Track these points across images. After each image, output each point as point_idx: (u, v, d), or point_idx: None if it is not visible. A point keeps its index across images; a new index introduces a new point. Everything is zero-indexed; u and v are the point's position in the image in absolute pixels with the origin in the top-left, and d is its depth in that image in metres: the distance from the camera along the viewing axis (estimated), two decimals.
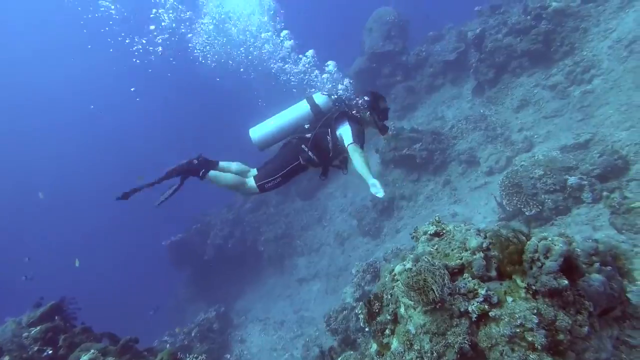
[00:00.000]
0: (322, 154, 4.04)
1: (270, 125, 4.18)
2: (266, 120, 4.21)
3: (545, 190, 6.82)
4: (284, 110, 4.25)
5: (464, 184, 9.84)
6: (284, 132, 4.16)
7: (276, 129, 4.17)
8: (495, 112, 10.33)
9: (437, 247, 3.23)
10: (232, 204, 17.57)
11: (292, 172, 4.13)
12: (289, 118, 4.17)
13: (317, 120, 4.08)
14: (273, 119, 4.19)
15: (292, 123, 4.15)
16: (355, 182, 13.63)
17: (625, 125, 7.55)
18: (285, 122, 4.17)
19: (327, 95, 4.17)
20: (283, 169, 4.10)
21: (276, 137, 4.19)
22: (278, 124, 4.17)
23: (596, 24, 9.56)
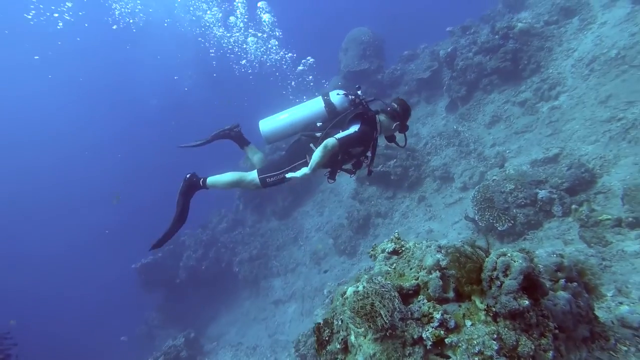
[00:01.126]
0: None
1: (282, 119, 3.96)
2: (278, 113, 4.01)
3: (517, 205, 6.76)
4: (297, 105, 4.04)
5: (439, 200, 9.75)
6: (295, 128, 3.95)
7: (287, 123, 3.95)
8: (468, 128, 10.37)
9: (395, 266, 3.02)
10: (207, 224, 17.11)
11: (297, 170, 3.86)
12: (301, 114, 3.95)
13: (330, 120, 3.83)
14: (285, 112, 3.98)
15: (304, 120, 3.92)
16: (332, 199, 13.44)
17: (590, 140, 7.62)
18: (297, 118, 3.93)
19: (345, 94, 3.90)
20: (289, 164, 3.85)
21: (286, 132, 3.97)
22: (290, 119, 3.95)
23: (559, 44, 9.79)
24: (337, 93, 3.90)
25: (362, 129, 3.58)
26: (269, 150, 13.34)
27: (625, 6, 9.04)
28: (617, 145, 7.05)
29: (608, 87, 8.19)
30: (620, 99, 7.75)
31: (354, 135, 3.54)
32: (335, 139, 3.44)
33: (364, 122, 3.65)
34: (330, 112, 3.85)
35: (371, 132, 3.66)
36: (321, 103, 3.88)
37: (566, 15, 10.23)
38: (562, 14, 10.27)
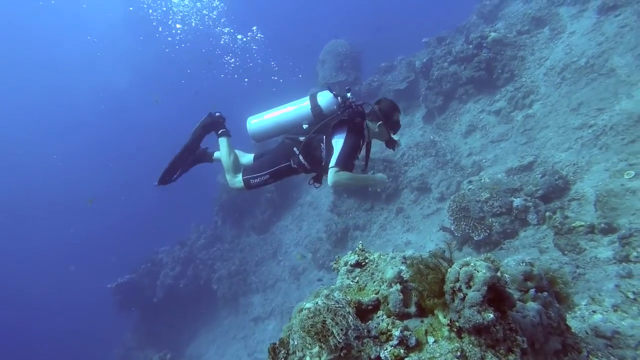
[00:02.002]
0: (314, 162, 3.65)
1: (268, 119, 3.82)
2: (266, 112, 3.87)
3: (492, 214, 6.67)
4: (286, 103, 3.85)
5: (416, 211, 9.65)
6: (281, 129, 3.80)
7: (273, 124, 3.80)
8: (444, 138, 10.37)
9: (358, 279, 2.84)
10: (185, 241, 16.68)
11: (281, 173, 3.78)
12: (287, 116, 3.77)
13: (316, 123, 3.64)
14: (272, 112, 3.83)
15: (290, 121, 3.76)
16: (311, 213, 13.24)
17: (564, 147, 7.64)
18: (283, 119, 3.78)
19: (333, 95, 3.66)
20: (272, 167, 3.78)
21: (272, 132, 3.84)
22: (275, 120, 3.79)
23: (531, 53, 9.93)
24: (324, 95, 3.68)
25: (348, 141, 3.39)
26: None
27: (591, 17, 9.23)
28: (589, 152, 7.07)
29: (579, 95, 8.28)
30: (591, 106, 7.82)
31: (347, 147, 3.36)
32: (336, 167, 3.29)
33: (350, 131, 3.46)
34: (316, 114, 3.65)
35: (357, 140, 3.45)
36: (308, 105, 3.69)
37: (537, 25, 10.41)
38: (534, 24, 10.45)
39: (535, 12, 10.55)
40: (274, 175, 3.78)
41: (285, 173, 3.78)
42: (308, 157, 3.61)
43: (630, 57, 7.62)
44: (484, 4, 13.50)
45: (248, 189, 3.91)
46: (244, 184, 3.85)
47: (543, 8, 10.54)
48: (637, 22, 7.94)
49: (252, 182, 3.81)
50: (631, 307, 3.60)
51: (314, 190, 13.66)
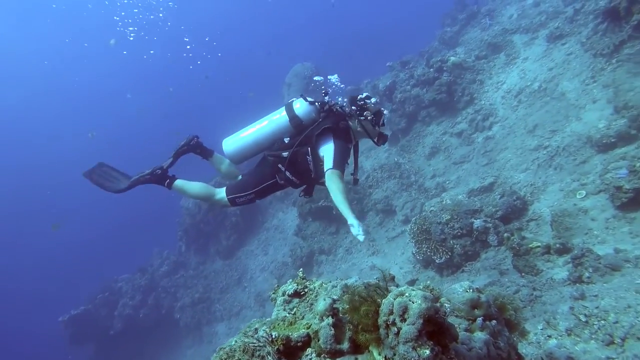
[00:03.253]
0: (303, 176, 3.46)
1: (244, 138, 3.56)
2: (240, 130, 3.62)
3: (453, 235, 6.61)
4: (261, 118, 3.61)
5: (382, 234, 9.53)
6: (260, 147, 3.56)
7: (251, 142, 3.55)
8: (408, 160, 10.40)
9: (296, 311, 2.62)
10: (146, 268, 15.92)
11: (267, 190, 3.61)
12: (264, 131, 3.52)
13: (297, 134, 3.43)
14: (247, 130, 3.56)
15: (268, 136, 3.51)
16: (277, 237, 12.92)
17: (522, 168, 7.76)
18: (261, 135, 3.52)
19: (310, 103, 3.44)
20: (257, 185, 3.57)
21: (251, 151, 3.59)
22: (253, 138, 3.53)
23: (490, 77, 10.21)
24: (300, 103, 3.47)
25: (338, 145, 3.21)
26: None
27: (541, 44, 9.63)
28: (545, 172, 7.19)
29: (534, 117, 8.49)
30: (546, 128, 8.02)
31: (338, 150, 3.18)
32: (334, 168, 3.08)
33: (336, 137, 3.27)
34: (296, 125, 3.43)
35: (346, 144, 3.30)
36: (285, 117, 3.45)
37: (494, 50, 10.76)
38: (490, 50, 10.80)
39: (491, 39, 10.93)
40: (259, 194, 3.60)
41: (271, 189, 3.60)
42: (295, 173, 3.41)
43: (577, 82, 7.91)
44: (445, 31, 13.95)
45: (233, 206, 3.74)
46: (230, 202, 3.65)
47: (498, 35, 10.93)
48: (581, 51, 8.30)
49: (238, 201, 3.63)
50: (583, 330, 3.51)
51: (280, 213, 13.41)
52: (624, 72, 7.07)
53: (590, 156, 6.56)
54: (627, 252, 4.47)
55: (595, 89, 7.53)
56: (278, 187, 3.61)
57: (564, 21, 9.59)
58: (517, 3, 12.54)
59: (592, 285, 4.28)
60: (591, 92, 7.58)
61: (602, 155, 6.31)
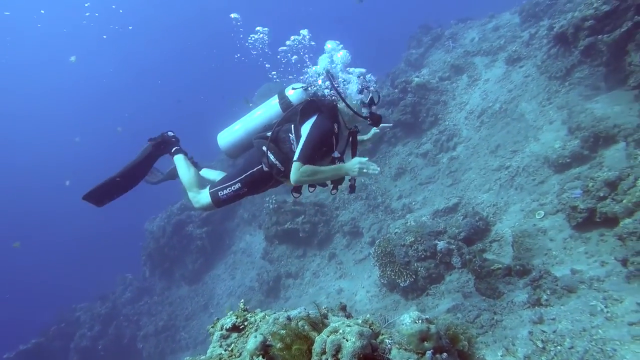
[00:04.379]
0: (287, 159, 3.08)
1: (237, 129, 3.39)
2: (234, 123, 3.47)
3: (417, 258, 6.50)
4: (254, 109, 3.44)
5: (349, 257, 9.36)
6: (253, 137, 3.33)
7: (244, 133, 3.36)
8: (375, 181, 10.35)
9: (233, 347, 2.42)
10: (107, 295, 15.14)
11: (254, 180, 3.25)
12: (257, 121, 3.35)
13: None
14: (240, 122, 3.42)
15: (261, 125, 3.32)
16: (245, 260, 12.55)
17: (485, 188, 7.80)
18: (252, 125, 3.34)
19: (303, 88, 3.23)
20: (242, 173, 3.25)
21: (245, 142, 3.37)
22: (245, 128, 3.36)
23: (453, 98, 10.39)
24: (293, 88, 3.27)
25: (316, 127, 2.95)
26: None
27: (501, 66, 9.91)
28: (506, 193, 7.23)
29: (496, 138, 8.63)
30: (507, 149, 8.14)
31: (312, 139, 2.90)
32: (298, 160, 2.81)
33: (320, 115, 3.03)
34: (286, 109, 3.25)
35: (328, 125, 3.00)
36: (277, 105, 3.29)
37: (457, 72, 11.00)
38: (453, 71, 11.04)
39: (454, 61, 11.18)
40: (246, 184, 3.25)
41: (259, 180, 3.27)
42: (278, 155, 3.10)
43: (534, 103, 8.11)
44: (411, 53, 14.24)
45: (218, 206, 3.36)
46: (212, 198, 3.31)
47: (461, 57, 11.21)
48: (537, 73, 8.56)
49: (221, 196, 3.27)
50: (540, 358, 3.41)
51: (248, 236, 13.07)
52: (576, 95, 7.29)
53: (548, 176, 6.65)
54: (583, 273, 4.45)
55: (551, 110, 7.73)
56: (266, 179, 3.28)
57: (521, 45, 9.92)
58: (478, 27, 12.97)
59: (550, 308, 4.22)
60: (547, 114, 7.77)
61: (559, 175, 6.41)
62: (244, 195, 3.32)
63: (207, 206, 3.39)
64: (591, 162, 5.96)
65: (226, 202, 3.33)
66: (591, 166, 5.86)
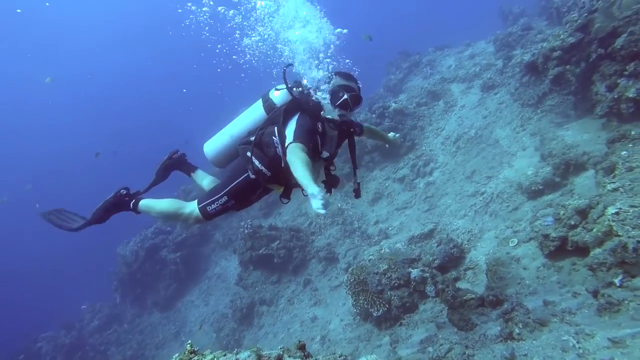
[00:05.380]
0: (272, 164, 2.93)
1: (223, 136, 3.28)
2: (220, 130, 3.35)
3: (391, 286, 6.31)
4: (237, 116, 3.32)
5: (324, 283, 9.11)
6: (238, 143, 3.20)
7: (229, 139, 3.23)
8: (352, 206, 10.23)
9: None
10: (73, 324, 14.41)
11: (241, 190, 3.10)
12: (241, 126, 3.23)
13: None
14: (225, 128, 3.31)
15: (245, 131, 3.19)
16: (219, 286, 12.14)
17: (460, 214, 7.73)
18: (237, 130, 3.22)
19: (288, 89, 3.07)
20: (228, 184, 3.12)
21: (231, 150, 3.24)
22: (230, 134, 3.23)
23: (430, 123, 10.46)
24: (277, 89, 3.17)
25: (301, 119, 2.86)
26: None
27: (477, 93, 10.06)
28: (481, 219, 7.17)
29: (472, 163, 8.64)
30: (482, 174, 8.14)
31: (302, 124, 2.80)
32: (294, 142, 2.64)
33: (303, 112, 2.94)
34: (270, 111, 3.14)
35: (312, 122, 2.89)
36: (261, 108, 3.17)
37: (433, 98, 11.12)
38: (430, 97, 11.15)
39: (431, 87, 11.33)
40: (233, 196, 3.10)
41: (246, 190, 3.10)
42: (263, 160, 2.93)
43: (508, 130, 8.18)
44: (390, 78, 14.43)
45: (208, 219, 3.24)
46: (202, 214, 3.16)
47: (438, 83, 11.37)
48: (510, 101, 8.69)
49: (210, 210, 3.14)
50: None
51: (223, 261, 12.70)
52: (548, 122, 7.38)
53: (522, 203, 6.62)
54: (555, 304, 4.33)
55: (525, 137, 7.80)
56: (254, 188, 3.12)
57: (495, 73, 10.12)
58: (455, 55, 13.25)
59: (522, 343, 4.06)
60: (521, 140, 7.83)
61: (532, 201, 6.38)
62: (233, 207, 3.20)
63: (198, 220, 3.29)
64: (563, 189, 5.96)
65: (216, 214, 3.23)
66: (563, 193, 5.85)
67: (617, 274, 3.78)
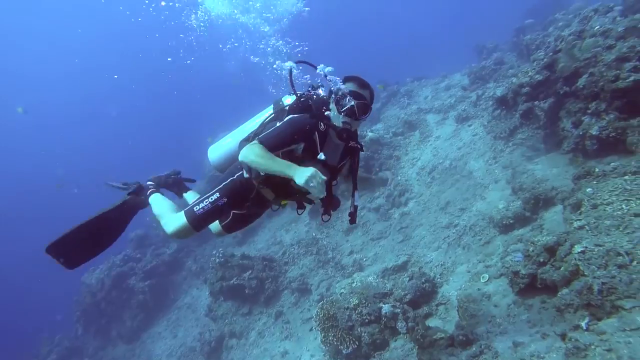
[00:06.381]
0: None
1: (229, 141, 3.13)
2: (226, 136, 3.20)
3: (361, 322, 6.11)
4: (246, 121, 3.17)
5: (296, 316, 8.80)
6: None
7: (236, 145, 3.01)
8: (327, 235, 10.06)
9: None
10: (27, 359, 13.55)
11: (234, 189, 2.80)
12: (249, 130, 3.03)
13: None
14: (232, 134, 3.16)
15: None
16: (189, 317, 11.65)
17: (434, 246, 7.65)
18: (245, 135, 3.01)
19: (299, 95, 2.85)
20: (221, 182, 2.85)
21: (236, 156, 2.83)
22: (238, 140, 3.01)
23: (405, 153, 10.50)
24: (290, 98, 2.98)
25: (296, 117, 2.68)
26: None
27: (451, 124, 10.18)
28: (454, 252, 7.09)
29: (446, 194, 8.63)
30: (456, 206, 8.11)
31: (281, 129, 2.58)
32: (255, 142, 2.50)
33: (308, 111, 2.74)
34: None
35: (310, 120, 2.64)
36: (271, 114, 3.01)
37: (409, 128, 11.21)
38: (406, 127, 11.25)
39: (407, 117, 11.44)
40: (225, 193, 2.79)
41: (240, 189, 2.81)
42: None
43: (482, 162, 8.24)
44: None
45: (195, 225, 2.81)
46: (187, 218, 2.80)
47: (414, 114, 11.50)
48: (484, 133, 8.80)
49: (197, 211, 2.77)
50: None
51: (195, 290, 12.25)
52: (519, 155, 7.45)
53: (494, 236, 6.57)
54: (524, 345, 4.20)
55: (497, 169, 7.85)
56: (247, 189, 2.82)
57: (469, 105, 10.29)
58: (432, 85, 13.52)
59: None
60: (493, 172, 7.88)
61: (504, 236, 6.34)
62: (224, 208, 2.81)
63: (182, 228, 2.86)
64: (533, 224, 5.94)
65: (204, 219, 2.82)
66: (533, 228, 5.83)
67: (584, 316, 3.69)
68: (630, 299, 3.30)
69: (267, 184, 2.76)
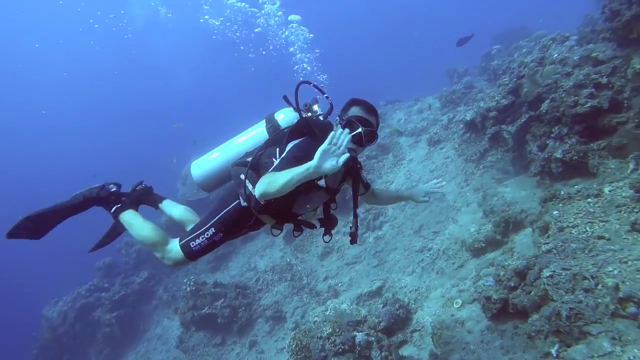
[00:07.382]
0: None
1: (215, 157, 2.89)
2: (212, 150, 2.96)
3: (335, 352, 5.89)
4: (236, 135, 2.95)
5: (271, 345, 8.50)
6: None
7: (224, 161, 2.83)
8: (301, 260, 9.88)
9: None
10: None
11: (230, 222, 2.64)
12: (239, 148, 2.84)
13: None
14: (219, 149, 2.93)
15: (243, 152, 2.80)
16: (159, 349, 11.11)
17: (409, 270, 7.57)
18: (234, 153, 2.83)
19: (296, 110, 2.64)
20: (217, 214, 2.66)
21: (224, 173, 2.85)
22: (226, 156, 2.83)
23: (380, 176, 10.52)
24: (285, 112, 2.84)
25: (301, 143, 2.45)
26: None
27: (424, 147, 10.30)
28: (428, 276, 7.02)
29: (420, 217, 8.62)
30: (430, 229, 8.10)
31: (289, 156, 2.34)
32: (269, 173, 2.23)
33: (309, 137, 2.52)
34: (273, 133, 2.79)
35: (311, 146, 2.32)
36: (263, 130, 2.83)
37: (383, 151, 11.28)
38: (380, 150, 11.31)
39: (381, 140, 11.51)
40: (221, 227, 2.63)
41: (236, 220, 2.63)
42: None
43: (454, 184, 8.30)
44: None
45: (192, 258, 2.73)
46: (184, 252, 2.69)
47: (387, 137, 11.60)
48: (455, 155, 8.92)
49: (194, 247, 2.66)
50: None
51: (166, 320, 11.74)
52: (489, 178, 7.55)
53: (467, 260, 6.54)
54: None
55: (468, 192, 7.91)
56: (244, 218, 2.65)
57: (441, 128, 10.46)
58: (405, 109, 13.73)
59: None
60: (465, 195, 7.94)
61: (476, 259, 6.32)
62: (220, 241, 2.72)
63: (181, 261, 2.78)
64: (504, 247, 5.95)
65: (202, 252, 2.72)
66: (504, 252, 5.83)
67: (554, 343, 3.64)
68: (596, 324, 3.27)
69: (266, 211, 2.59)
